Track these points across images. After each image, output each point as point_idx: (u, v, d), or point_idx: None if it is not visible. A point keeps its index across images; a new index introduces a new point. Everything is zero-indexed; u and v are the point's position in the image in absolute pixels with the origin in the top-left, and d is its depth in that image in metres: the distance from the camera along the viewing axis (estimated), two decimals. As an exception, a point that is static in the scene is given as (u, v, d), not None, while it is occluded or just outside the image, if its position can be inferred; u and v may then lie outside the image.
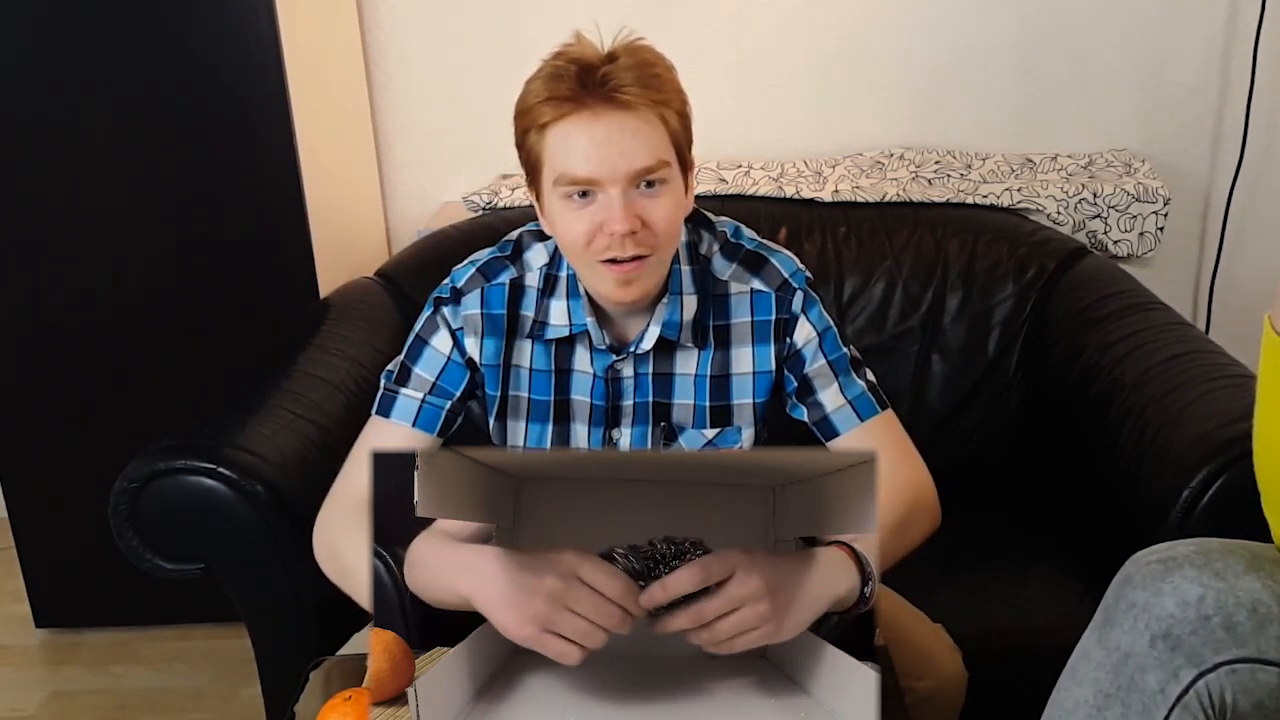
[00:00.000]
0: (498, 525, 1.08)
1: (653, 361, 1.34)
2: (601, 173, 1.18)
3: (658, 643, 0.97)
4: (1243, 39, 2.26)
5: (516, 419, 1.39)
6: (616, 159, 1.17)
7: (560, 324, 1.34)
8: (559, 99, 1.17)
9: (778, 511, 1.13)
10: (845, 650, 0.99)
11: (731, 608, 0.93)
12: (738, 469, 1.18)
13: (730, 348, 1.34)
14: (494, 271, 1.36)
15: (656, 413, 1.36)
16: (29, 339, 2.12)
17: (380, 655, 1.02)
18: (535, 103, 1.19)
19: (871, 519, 0.98)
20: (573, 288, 1.33)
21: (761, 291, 1.33)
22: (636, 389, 1.35)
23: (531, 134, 1.21)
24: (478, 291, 1.34)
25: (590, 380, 1.36)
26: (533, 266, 1.35)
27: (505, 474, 1.10)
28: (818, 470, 1.09)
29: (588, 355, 1.35)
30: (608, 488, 1.10)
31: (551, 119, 1.18)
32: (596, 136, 1.17)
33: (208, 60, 1.96)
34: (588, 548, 0.96)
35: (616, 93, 1.16)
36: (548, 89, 1.18)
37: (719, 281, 1.34)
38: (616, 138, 1.17)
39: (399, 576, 1.12)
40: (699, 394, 1.35)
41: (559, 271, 1.34)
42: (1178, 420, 1.51)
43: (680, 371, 1.35)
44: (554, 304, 1.34)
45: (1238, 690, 0.97)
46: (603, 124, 1.17)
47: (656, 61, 1.21)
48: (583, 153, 1.17)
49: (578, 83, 1.16)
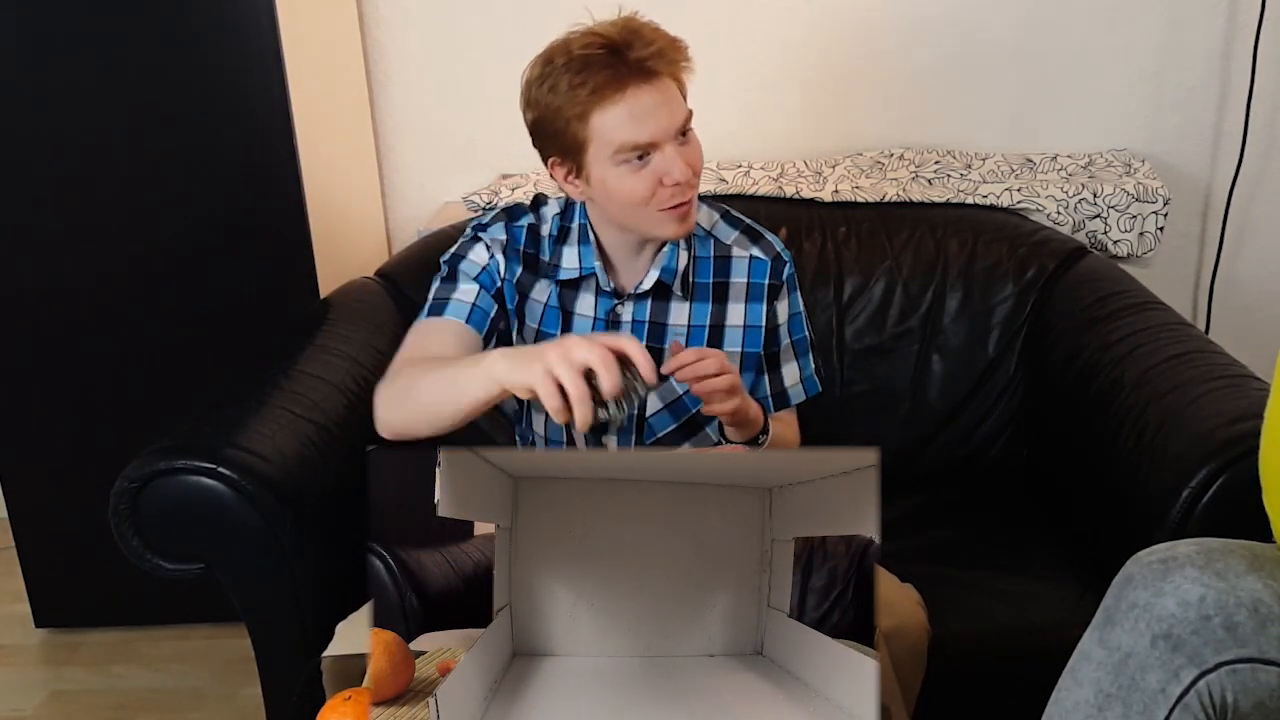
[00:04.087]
0: (497, 525, 1.08)
1: (650, 309, 1.52)
2: (659, 134, 1.35)
3: (663, 644, 0.97)
4: (1243, 39, 2.26)
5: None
6: (666, 121, 1.35)
7: (571, 266, 1.51)
8: (602, 84, 1.32)
9: (775, 512, 1.13)
10: (844, 643, 0.99)
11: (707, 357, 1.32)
12: (735, 470, 1.18)
13: (727, 302, 1.54)
14: (516, 214, 1.54)
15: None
16: (29, 339, 2.12)
17: (380, 655, 1.02)
18: (575, 91, 1.33)
19: (872, 521, 0.99)
20: (584, 235, 1.50)
21: (759, 259, 1.55)
22: (633, 333, 1.51)
23: (573, 122, 1.35)
24: (503, 224, 1.53)
25: (591, 323, 1.52)
26: (548, 218, 1.53)
27: (505, 473, 1.10)
28: (815, 472, 1.09)
29: (591, 299, 1.52)
30: (607, 487, 1.10)
31: (599, 103, 1.33)
32: (647, 107, 1.34)
33: (208, 60, 1.96)
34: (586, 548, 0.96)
35: (650, 68, 1.34)
36: (586, 77, 1.33)
37: (721, 244, 1.55)
38: (661, 103, 1.35)
39: (399, 576, 1.12)
40: (695, 342, 1.52)
41: (571, 222, 1.52)
42: (1178, 420, 1.51)
43: (673, 322, 1.53)
44: (566, 249, 1.51)
45: (1239, 690, 0.97)
46: (646, 96, 1.34)
47: (663, 34, 1.37)
48: (639, 122, 1.34)
49: (614, 67, 1.33)
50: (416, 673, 1.04)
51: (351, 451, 1.60)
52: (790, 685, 1.04)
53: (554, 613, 1.10)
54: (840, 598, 1.12)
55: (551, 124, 1.37)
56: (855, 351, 2.02)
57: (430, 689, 0.99)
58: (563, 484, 1.12)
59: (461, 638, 1.10)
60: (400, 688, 1.02)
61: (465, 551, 1.20)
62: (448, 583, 1.16)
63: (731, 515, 1.13)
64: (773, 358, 1.58)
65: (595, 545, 0.97)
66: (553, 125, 1.37)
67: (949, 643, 1.49)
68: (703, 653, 1.00)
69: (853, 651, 0.98)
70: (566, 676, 1.03)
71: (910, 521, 1.82)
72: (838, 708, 0.98)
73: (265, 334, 2.04)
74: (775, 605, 1.13)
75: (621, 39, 1.33)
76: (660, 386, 1.39)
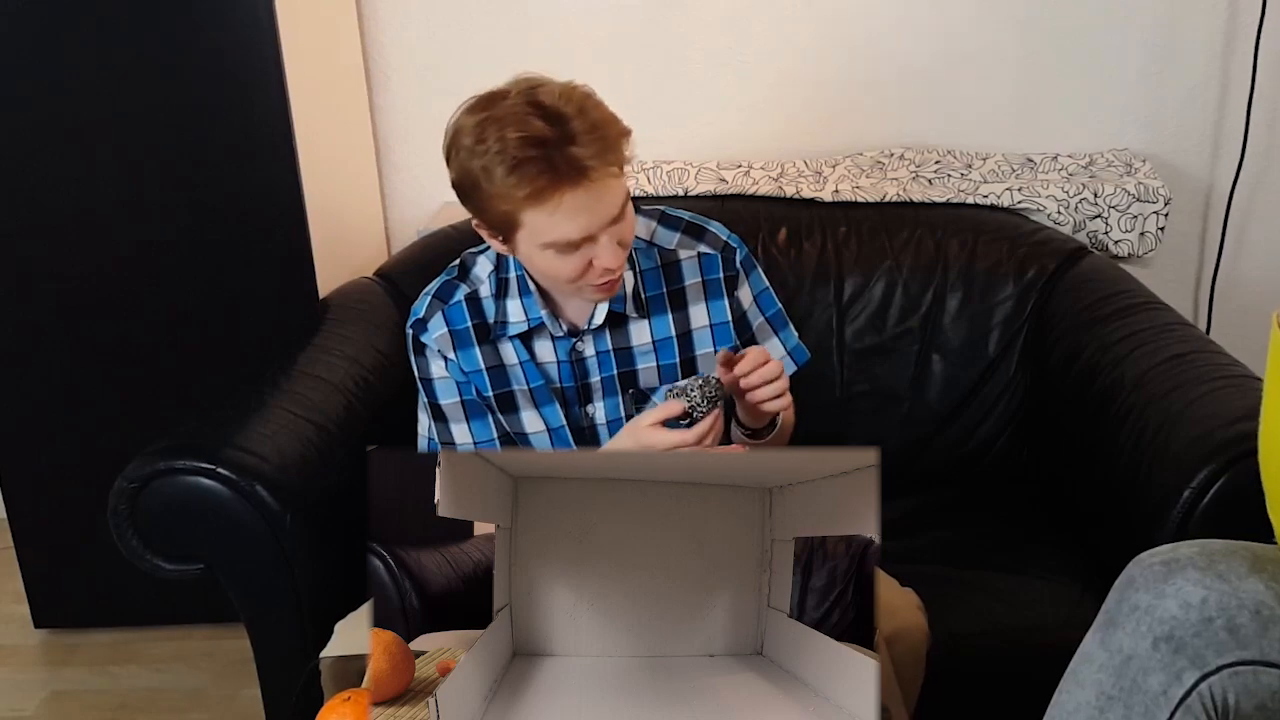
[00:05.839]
0: (497, 525, 1.08)
1: (610, 337, 1.49)
2: (592, 229, 1.31)
3: (663, 644, 0.97)
4: (1243, 39, 2.26)
5: (528, 409, 1.51)
6: (601, 216, 1.31)
7: (519, 320, 1.48)
8: (536, 190, 1.28)
9: (774, 512, 1.13)
10: (844, 642, 0.99)
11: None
12: (735, 470, 1.18)
13: (687, 307, 1.51)
14: (448, 294, 1.50)
15: (623, 382, 1.52)
16: (29, 339, 2.12)
17: (380, 655, 1.02)
18: (509, 191, 1.28)
19: (872, 521, 0.99)
20: (523, 286, 1.47)
21: (708, 254, 1.51)
22: (601, 365, 1.50)
23: (505, 211, 1.31)
24: (439, 315, 1.49)
25: (556, 366, 1.50)
26: (482, 278, 1.50)
27: (505, 474, 1.10)
28: (815, 472, 1.09)
29: (549, 344, 1.50)
30: (607, 488, 1.10)
31: (532, 204, 1.29)
32: (580, 207, 1.29)
33: (207, 61, 1.96)
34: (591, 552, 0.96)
35: (586, 166, 1.28)
36: (519, 179, 1.27)
37: (667, 251, 1.51)
38: (595, 201, 1.30)
39: (399, 576, 1.12)
40: (665, 354, 1.51)
41: (507, 274, 1.48)
42: (1178, 420, 1.51)
43: (637, 343, 1.50)
44: (510, 304, 1.48)
45: (1240, 692, 0.97)
46: (580, 197, 1.29)
47: (603, 118, 1.31)
48: (572, 222, 1.30)
49: (549, 172, 1.27)
50: (416, 673, 1.04)
51: (351, 451, 1.60)
52: (790, 685, 1.04)
53: (554, 613, 1.10)
54: (840, 598, 1.12)
55: (479, 201, 1.33)
56: (855, 351, 2.02)
57: (430, 689, 0.99)
58: (563, 484, 1.12)
59: (461, 638, 1.10)
60: (400, 688, 1.02)
61: (465, 551, 1.19)
62: (448, 583, 1.16)
63: (731, 515, 1.13)
64: (750, 342, 1.54)
65: (595, 545, 0.97)
66: (482, 203, 1.33)
67: (949, 643, 1.49)
68: (703, 653, 1.00)
69: (853, 652, 0.98)
70: (566, 677, 1.03)
71: (910, 521, 1.82)
72: (838, 708, 0.98)
73: (265, 334, 2.04)
74: (775, 605, 1.13)
75: (557, 136, 1.27)
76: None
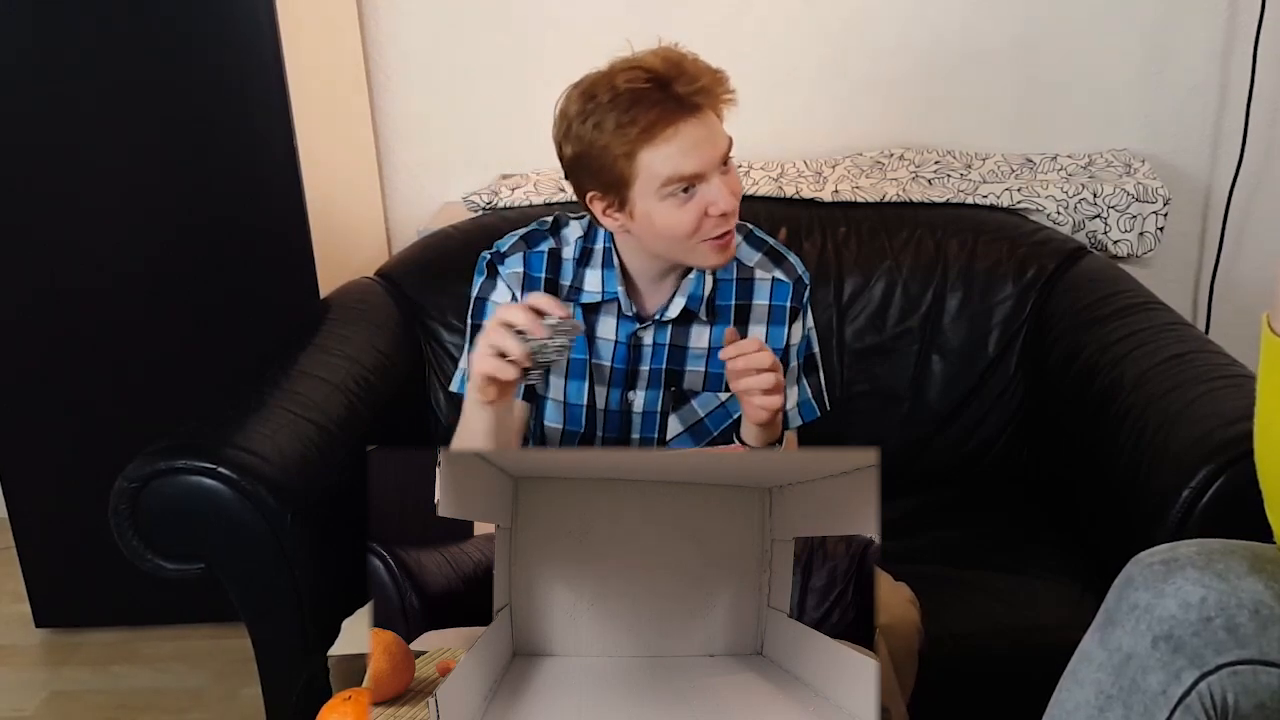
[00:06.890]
0: (497, 525, 1.08)
1: (671, 333, 1.51)
2: (705, 166, 1.35)
3: (663, 644, 0.97)
4: (1243, 39, 2.26)
5: (557, 375, 1.53)
6: (711, 152, 1.36)
7: (594, 290, 1.50)
8: (651, 122, 1.32)
9: (774, 513, 1.13)
10: (843, 641, 0.99)
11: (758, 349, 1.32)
12: (735, 470, 1.18)
13: (749, 324, 1.52)
14: (535, 240, 1.52)
15: (668, 379, 1.53)
16: (29, 339, 2.12)
17: (380, 655, 1.02)
18: (624, 130, 1.32)
19: (871, 521, 0.99)
20: (607, 259, 1.49)
21: (782, 281, 1.53)
22: (654, 356, 1.52)
23: (620, 159, 1.34)
24: (520, 254, 1.51)
25: (612, 346, 1.51)
26: (569, 240, 1.52)
27: (505, 473, 1.10)
28: (815, 472, 1.09)
29: (613, 322, 1.51)
30: (607, 488, 1.10)
31: (648, 140, 1.33)
32: (695, 140, 1.34)
33: (208, 60, 1.96)
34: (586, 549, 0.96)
35: (696, 102, 1.33)
36: (634, 115, 1.32)
37: (745, 266, 1.53)
38: (707, 136, 1.35)
39: (399, 576, 1.12)
40: (716, 364, 1.48)
41: (594, 244, 1.50)
42: (1178, 420, 1.51)
43: (693, 345, 1.52)
44: (589, 273, 1.50)
45: (1239, 692, 0.97)
46: (693, 130, 1.34)
47: (706, 67, 1.37)
48: (687, 156, 1.34)
49: (662, 103, 1.32)
50: (416, 673, 1.04)
51: (351, 451, 1.60)
52: (790, 685, 1.04)
53: (554, 613, 1.10)
54: (840, 598, 1.12)
55: (596, 160, 1.35)
56: (855, 351, 2.02)
57: (430, 689, 0.99)
58: (563, 484, 1.12)
59: (461, 638, 1.10)
60: (400, 688, 1.02)
61: (465, 551, 1.19)
62: (448, 583, 1.16)
63: (731, 515, 1.13)
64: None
65: (595, 545, 0.97)
66: (597, 161, 1.35)
67: (948, 643, 1.49)
68: (703, 652, 1.00)
69: (852, 651, 0.98)
70: (566, 676, 1.03)
71: (910, 521, 1.82)
72: (838, 708, 0.98)
73: (265, 334, 2.04)
74: (775, 605, 1.13)
75: (666, 73, 1.32)
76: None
